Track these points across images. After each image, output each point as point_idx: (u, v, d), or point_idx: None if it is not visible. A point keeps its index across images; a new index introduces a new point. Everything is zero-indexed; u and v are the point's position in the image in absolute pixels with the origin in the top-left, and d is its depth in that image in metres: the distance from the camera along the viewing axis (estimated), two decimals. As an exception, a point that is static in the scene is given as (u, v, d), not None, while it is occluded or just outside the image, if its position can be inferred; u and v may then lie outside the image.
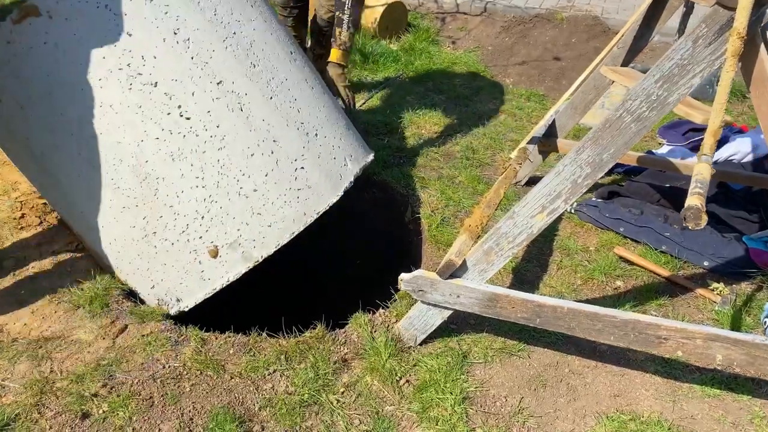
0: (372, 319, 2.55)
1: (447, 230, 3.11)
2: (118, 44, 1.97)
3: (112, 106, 2.03)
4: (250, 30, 2.27)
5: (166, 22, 2.03)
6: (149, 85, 2.04)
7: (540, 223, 1.96)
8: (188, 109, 2.10)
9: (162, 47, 2.03)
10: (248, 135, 2.22)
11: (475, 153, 3.90)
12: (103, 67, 1.99)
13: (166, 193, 2.18)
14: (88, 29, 1.94)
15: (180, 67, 2.07)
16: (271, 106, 2.28)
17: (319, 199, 2.42)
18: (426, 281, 2.20)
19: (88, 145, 2.10)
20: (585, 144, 1.79)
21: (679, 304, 2.73)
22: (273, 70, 2.33)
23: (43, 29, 1.91)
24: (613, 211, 3.18)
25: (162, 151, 2.12)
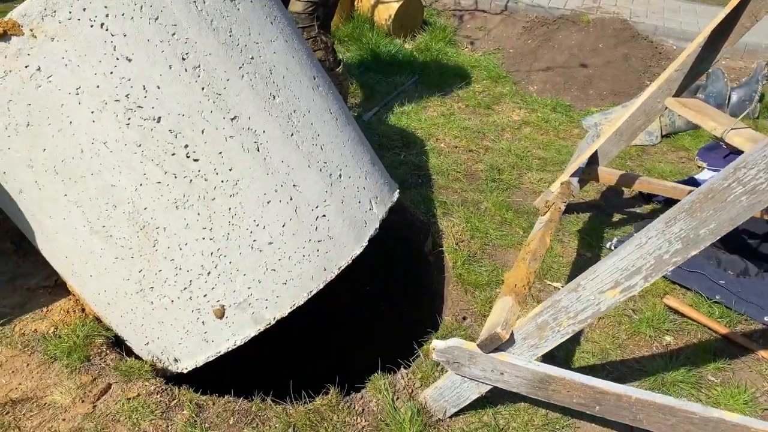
0: (393, 382, 2.22)
1: (474, 269, 2.77)
2: (115, 71, 1.62)
3: (107, 144, 1.69)
4: (270, 53, 1.92)
5: (173, 46, 1.67)
6: (151, 120, 1.69)
7: (611, 301, 1.62)
8: (196, 149, 1.76)
9: (167, 76, 1.68)
10: (265, 179, 1.88)
11: (501, 173, 3.55)
12: (97, 98, 1.63)
13: (167, 245, 1.84)
14: (79, 51, 1.58)
15: (188, 100, 1.72)
16: (292, 145, 1.95)
17: (341, 251, 2.08)
18: (464, 353, 1.87)
19: (76, 187, 1.75)
20: (677, 215, 1.45)
21: (740, 368, 2.41)
22: (295, 101, 1.98)
23: (25, 50, 1.54)
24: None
25: (164, 197, 1.78)
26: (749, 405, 2.22)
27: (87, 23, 1.56)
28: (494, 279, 2.72)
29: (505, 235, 3.01)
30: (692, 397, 2.25)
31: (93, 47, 1.58)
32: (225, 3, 1.80)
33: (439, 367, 2.28)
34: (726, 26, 2.48)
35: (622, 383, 2.32)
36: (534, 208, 3.25)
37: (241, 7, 1.86)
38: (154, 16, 1.63)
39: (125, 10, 1.59)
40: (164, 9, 1.65)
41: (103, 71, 1.60)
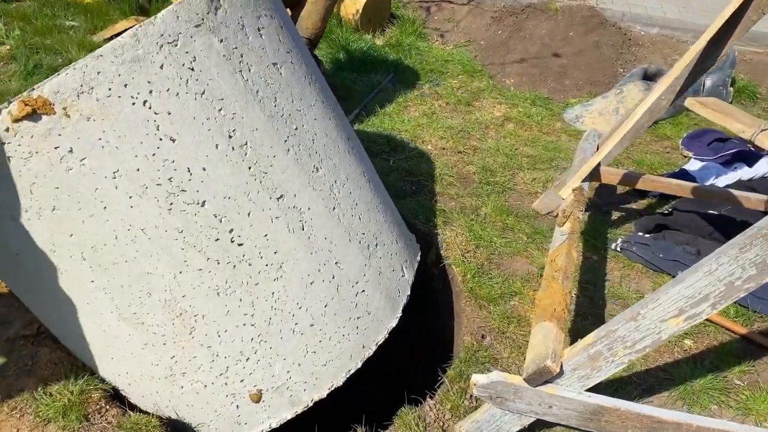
0: (421, 416, 2.09)
1: (485, 281, 2.66)
2: (158, 152, 1.43)
3: (145, 230, 1.50)
4: (311, 120, 1.77)
5: (220, 123, 1.50)
6: (195, 205, 1.52)
7: (673, 329, 1.53)
8: (242, 233, 1.61)
9: (214, 156, 1.51)
10: (309, 259, 1.76)
11: (494, 175, 3.44)
12: (137, 182, 1.44)
13: (204, 333, 1.69)
14: (119, 132, 1.37)
15: (235, 181, 1.56)
16: (334, 220, 1.82)
17: (378, 326, 1.98)
18: (508, 388, 1.75)
19: (106, 274, 1.56)
20: (753, 240, 1.35)
21: (763, 369, 2.38)
22: (335, 170, 1.84)
23: (56, 130, 1.31)
24: (667, 251, 2.79)
25: (205, 284, 1.62)
26: (780, 409, 2.19)
27: (128, 101, 1.35)
28: (507, 291, 2.62)
29: (510, 242, 2.91)
30: (723, 404, 2.21)
31: (134, 127, 1.38)
32: (269, 69, 1.64)
33: (468, 394, 2.16)
34: (732, 21, 2.42)
35: (652, 395, 2.27)
36: (533, 211, 3.16)
37: (283, 71, 1.70)
38: (200, 90, 1.45)
39: (170, 86, 1.39)
40: (211, 82, 1.47)
41: (145, 153, 1.41)
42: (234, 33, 1.53)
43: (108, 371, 1.90)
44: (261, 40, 1.63)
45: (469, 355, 2.30)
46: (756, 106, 4.60)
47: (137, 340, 1.69)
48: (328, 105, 1.93)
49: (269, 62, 1.65)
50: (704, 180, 3.51)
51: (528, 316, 2.50)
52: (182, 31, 1.39)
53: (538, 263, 2.79)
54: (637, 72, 4.47)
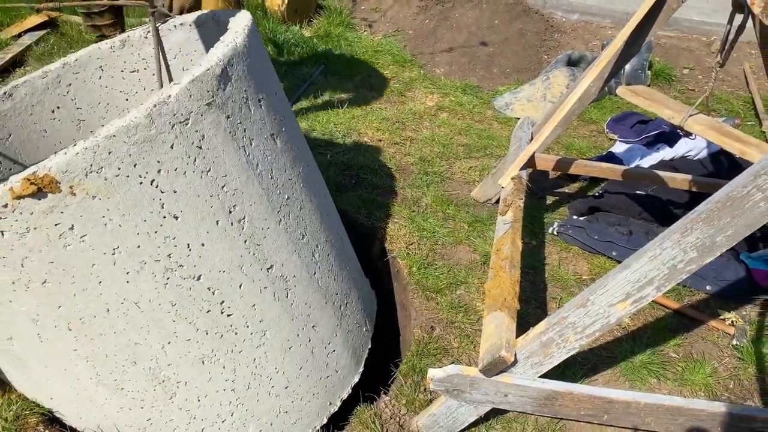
0: (378, 413, 2.08)
1: (431, 273, 2.67)
2: (160, 230, 1.39)
3: (138, 304, 1.46)
4: (300, 187, 1.78)
5: (222, 200, 1.49)
6: (190, 279, 1.50)
7: (620, 313, 1.58)
8: (231, 304, 1.61)
9: (213, 232, 1.50)
10: (289, 325, 1.79)
11: (431, 165, 3.46)
12: (136, 258, 1.39)
13: (185, 398, 1.69)
14: (123, 210, 1.32)
15: (230, 255, 1.56)
16: (314, 285, 1.86)
17: (344, 382, 2.07)
18: (465, 380, 1.77)
19: (92, 344, 1.50)
20: (693, 224, 1.41)
21: (695, 341, 2.51)
22: (317, 234, 1.87)
23: (59, 207, 1.23)
24: (601, 233, 2.90)
25: (191, 353, 1.61)
26: (713, 377, 2.32)
27: (136, 180, 1.30)
28: (453, 281, 2.64)
29: (452, 231, 2.93)
30: (661, 377, 2.32)
31: (139, 206, 1.33)
32: (267, 140, 1.63)
33: (422, 387, 2.17)
34: (654, 9, 2.51)
35: (597, 373, 2.35)
36: (472, 200, 3.20)
37: (279, 142, 1.70)
38: (207, 168, 1.43)
39: (178, 165, 1.36)
40: (216, 159, 1.45)
41: (147, 231, 1.37)
42: (239, 107, 1.51)
43: (72, 421, 1.85)
44: (261, 111, 1.62)
45: (420, 348, 2.31)
46: (672, 87, 4.83)
47: (114, 403, 1.67)
48: (311, 165, 1.95)
49: (268, 134, 1.64)
50: (630, 161, 3.66)
51: (475, 305, 2.54)
52: (194, 110, 1.36)
53: (480, 251, 2.83)
54: (561, 59, 4.59)
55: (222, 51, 1.47)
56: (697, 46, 5.29)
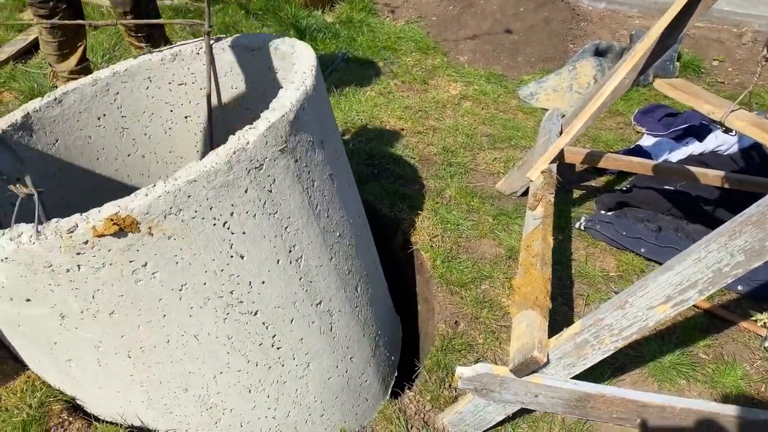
0: (402, 408, 2.05)
1: (455, 266, 2.63)
2: (226, 268, 1.44)
3: (198, 336, 1.51)
4: (350, 224, 1.84)
5: (284, 240, 1.55)
6: (248, 314, 1.55)
7: (659, 316, 1.53)
8: (282, 338, 1.67)
9: (274, 270, 1.55)
10: (330, 357, 1.85)
11: (455, 156, 3.40)
12: (201, 295, 1.44)
13: (229, 423, 1.76)
14: (195, 250, 1.36)
15: (286, 292, 1.61)
16: (355, 318, 1.92)
17: (372, 410, 2.12)
18: (494, 380, 1.72)
19: (148, 371, 1.56)
20: (743, 227, 1.35)
21: (726, 342, 2.45)
22: (361, 269, 1.92)
23: (136, 246, 1.27)
24: (629, 229, 2.83)
25: (240, 383, 1.67)
26: (744, 380, 2.26)
27: (210, 222, 1.35)
28: (477, 275, 2.60)
29: (476, 224, 2.88)
30: (691, 379, 2.26)
31: (210, 246, 1.38)
32: (326, 181, 1.67)
33: (447, 383, 2.13)
34: (693, 1, 2.42)
35: (624, 373, 2.30)
36: (497, 192, 3.14)
37: (336, 180, 1.75)
38: (274, 211, 1.48)
39: (250, 208, 1.41)
40: (283, 202, 1.50)
41: (214, 269, 1.41)
42: (306, 150, 1.55)
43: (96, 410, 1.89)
44: (323, 153, 1.66)
45: (444, 344, 2.27)
46: (700, 80, 4.72)
47: (161, 426, 1.74)
48: (358, 200, 2.00)
49: (327, 174, 1.68)
50: (658, 156, 3.57)
51: (500, 300, 2.49)
52: (268, 156, 1.40)
53: (505, 245, 2.78)
54: (588, 48, 4.49)
55: (295, 96, 1.49)
56: (727, 37, 5.16)
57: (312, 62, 1.70)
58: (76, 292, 1.29)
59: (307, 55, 1.75)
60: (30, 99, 3.32)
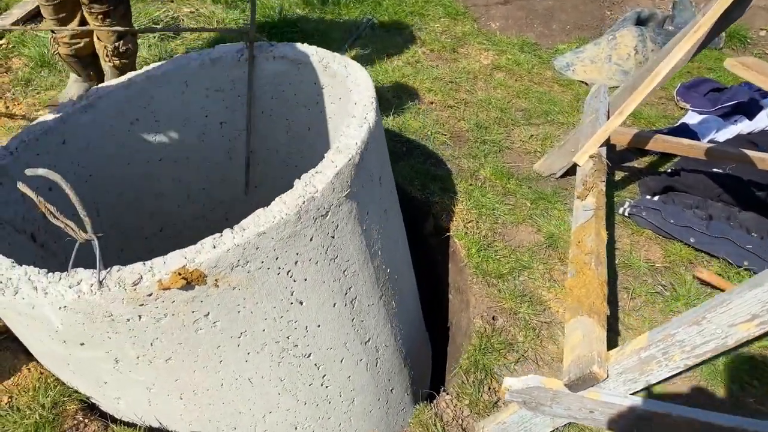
0: (438, 413, 1.91)
1: (491, 255, 2.46)
2: (286, 315, 1.42)
3: (251, 380, 1.49)
4: (398, 256, 1.82)
5: (342, 283, 1.52)
6: (302, 357, 1.55)
7: (741, 335, 1.36)
8: (331, 377, 1.67)
9: (330, 313, 1.53)
10: (374, 391, 1.84)
11: (488, 132, 3.20)
12: (258, 341, 1.42)
13: None
14: (257, 299, 1.33)
15: (339, 334, 1.60)
16: (398, 351, 1.91)
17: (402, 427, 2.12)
18: (546, 393, 1.57)
19: (199, 410, 1.54)
20: None
21: (784, 343, 2.28)
22: (405, 300, 1.90)
23: (200, 298, 1.23)
24: (678, 216, 2.64)
25: (287, 421, 1.67)
26: (806, 387, 2.10)
27: (275, 272, 1.32)
28: (515, 266, 2.43)
29: (513, 209, 2.70)
30: (746, 384, 2.11)
31: (271, 294, 1.35)
32: (381, 217, 1.64)
33: (486, 387, 1.99)
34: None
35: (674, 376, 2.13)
36: (535, 174, 2.95)
37: (389, 215, 1.73)
38: (335, 256, 1.45)
39: (313, 255, 1.38)
40: (343, 246, 1.47)
41: (274, 316, 1.40)
42: (366, 191, 1.51)
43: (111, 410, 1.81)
44: (381, 190, 1.63)
45: (483, 342, 2.12)
46: (746, 51, 4.44)
47: None
48: (402, 225, 1.95)
49: (382, 210, 1.65)
50: (705, 134, 3.35)
51: (540, 294, 2.33)
52: (334, 202, 1.38)
53: (544, 232, 2.60)
54: (629, 17, 4.22)
55: (360, 136, 1.45)
56: (776, 5, 4.84)
57: (371, 92, 1.64)
58: (134, 340, 1.25)
59: (365, 81, 1.69)
60: (40, 66, 3.14)
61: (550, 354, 2.12)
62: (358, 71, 1.76)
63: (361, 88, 1.67)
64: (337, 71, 1.81)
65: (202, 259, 1.16)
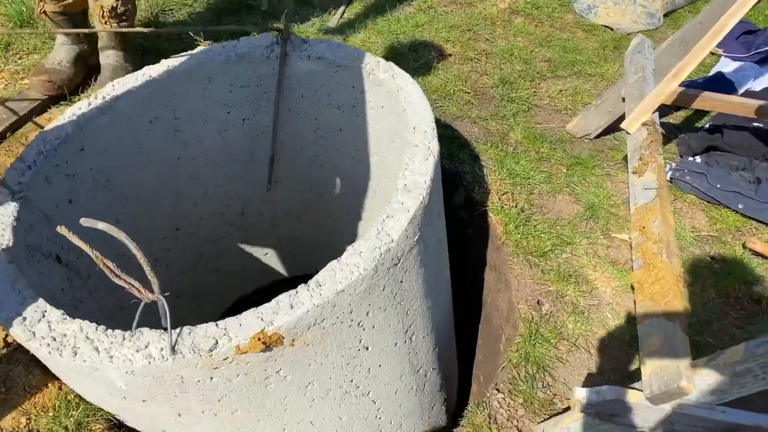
0: (492, 415, 1.79)
1: (531, 231, 2.29)
2: (352, 361, 1.40)
3: (313, 422, 1.49)
4: (446, 284, 1.84)
5: (404, 323, 1.50)
6: (361, 396, 1.54)
7: None
8: (385, 409, 1.68)
9: (390, 353, 1.52)
10: (419, 413, 1.87)
11: (514, 88, 2.96)
12: (324, 387, 1.40)
13: None
14: (327, 351, 1.30)
15: (396, 369, 1.59)
16: (441, 373, 1.90)
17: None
18: (624, 406, 1.44)
19: None
20: None
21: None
22: (448, 322, 1.94)
23: (274, 356, 1.21)
24: (724, 180, 2.47)
25: None
26: None
27: (347, 324, 1.29)
28: (557, 242, 2.27)
29: (548, 177, 2.51)
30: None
31: (342, 345, 1.33)
32: (436, 249, 1.60)
33: (539, 382, 1.86)
34: None
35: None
36: (568, 135, 2.75)
37: (441, 245, 1.71)
38: (401, 300, 1.42)
39: (382, 303, 1.36)
40: (408, 289, 1.43)
41: (341, 364, 1.38)
42: (430, 228, 1.48)
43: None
44: (439, 221, 1.61)
45: (531, 331, 1.98)
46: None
47: None
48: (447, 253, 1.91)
49: (437, 240, 1.62)
50: (742, 84, 3.14)
51: (585, 273, 2.18)
52: (406, 249, 1.33)
53: (584, 201, 2.42)
54: (655, -49, 3.90)
55: (427, 171, 1.40)
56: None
57: (430, 115, 1.57)
58: (202, 398, 1.21)
59: (420, 99, 1.61)
60: (19, 26, 2.82)
61: (601, 340, 1.99)
62: (410, 85, 1.65)
63: (417, 109, 1.59)
64: (383, 80, 1.71)
65: (280, 322, 1.12)
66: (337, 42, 1.87)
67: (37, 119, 2.36)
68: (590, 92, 3.00)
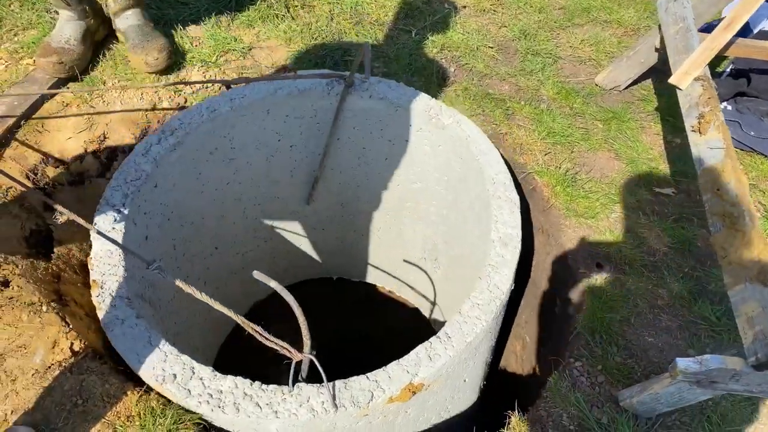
0: (574, 382, 1.80)
1: (578, 192, 2.27)
2: (456, 394, 1.71)
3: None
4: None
5: (485, 357, 1.81)
6: (446, 412, 1.76)
7: None
8: (453, 410, 1.85)
9: (471, 381, 1.78)
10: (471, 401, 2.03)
11: (536, 41, 2.88)
12: (426, 415, 1.60)
13: None
14: (443, 389, 1.50)
15: (474, 386, 1.88)
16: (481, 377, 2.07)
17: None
18: (726, 373, 1.46)
19: None
20: None
21: None
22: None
23: (411, 400, 1.38)
24: (757, 127, 2.48)
25: None
26: None
27: (461, 367, 1.52)
28: (606, 201, 2.25)
29: (586, 134, 2.48)
30: None
31: (453, 382, 1.54)
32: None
33: (614, 347, 1.87)
34: None
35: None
36: (597, 88, 2.70)
37: None
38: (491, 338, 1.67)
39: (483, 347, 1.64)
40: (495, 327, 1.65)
41: (447, 396, 1.60)
42: None
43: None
44: None
45: (598, 296, 1.98)
46: None
47: None
48: None
49: None
50: (756, 23, 3.12)
51: (637, 230, 2.17)
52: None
53: (625, 157, 2.41)
54: None
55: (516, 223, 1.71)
56: None
57: (504, 167, 1.78)
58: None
59: (490, 149, 1.79)
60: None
61: (664, 299, 2.01)
62: (478, 134, 1.84)
63: (491, 159, 1.81)
64: (447, 125, 1.87)
65: (424, 373, 1.29)
66: (396, 82, 1.93)
67: (48, 105, 2.17)
68: (611, 41, 2.94)
